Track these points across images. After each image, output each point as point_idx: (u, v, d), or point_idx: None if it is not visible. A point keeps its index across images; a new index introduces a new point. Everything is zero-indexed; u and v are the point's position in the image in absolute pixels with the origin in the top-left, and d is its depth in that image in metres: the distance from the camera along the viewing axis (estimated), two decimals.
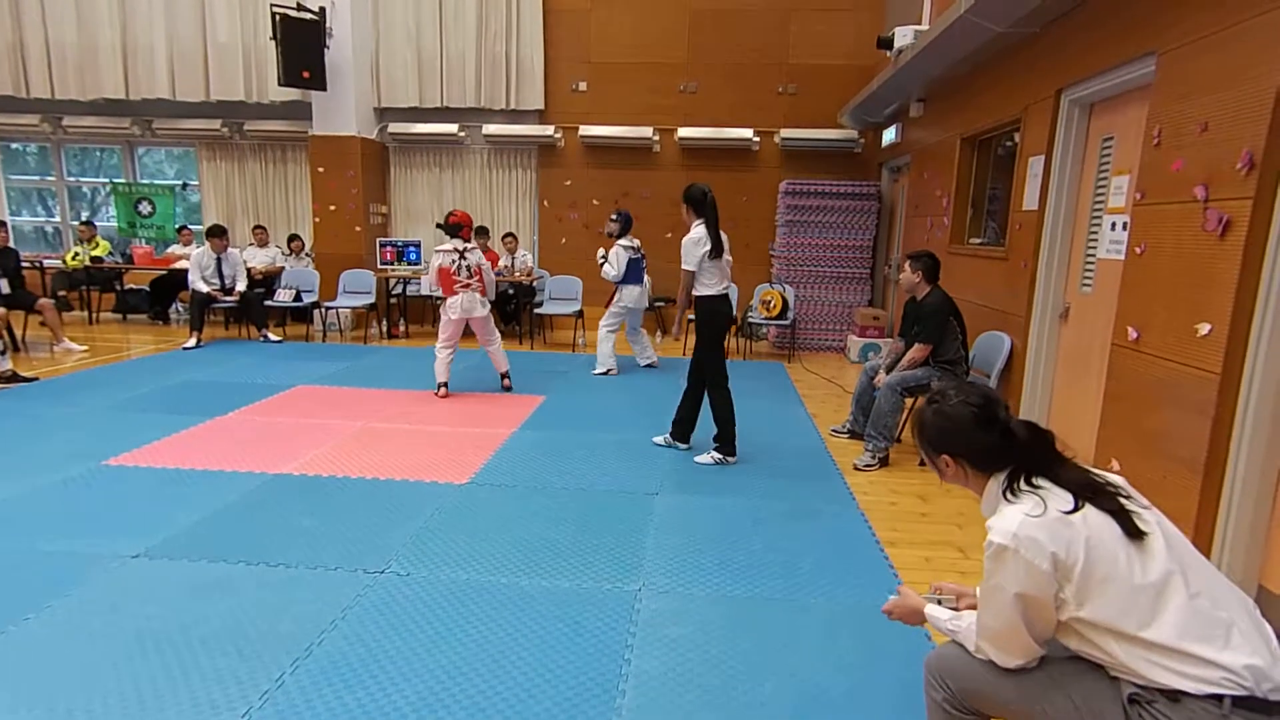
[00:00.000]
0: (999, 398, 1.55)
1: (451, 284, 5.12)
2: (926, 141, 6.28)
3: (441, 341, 5.24)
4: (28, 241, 9.54)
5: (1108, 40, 3.41)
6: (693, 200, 3.96)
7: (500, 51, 8.30)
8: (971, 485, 1.55)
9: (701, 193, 3.94)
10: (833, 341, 7.78)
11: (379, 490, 3.49)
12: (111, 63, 8.42)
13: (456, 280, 5.11)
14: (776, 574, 2.76)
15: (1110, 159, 3.59)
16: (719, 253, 3.91)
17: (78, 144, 9.34)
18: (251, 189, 9.03)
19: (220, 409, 4.77)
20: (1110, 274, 3.44)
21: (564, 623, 2.39)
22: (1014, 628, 1.39)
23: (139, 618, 2.34)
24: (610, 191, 8.64)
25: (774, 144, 8.36)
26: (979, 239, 5.35)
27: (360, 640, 2.25)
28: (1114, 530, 1.35)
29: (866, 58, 7.76)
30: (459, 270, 5.09)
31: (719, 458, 4.01)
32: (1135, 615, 1.30)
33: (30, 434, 4.17)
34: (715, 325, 3.95)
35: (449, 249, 5.12)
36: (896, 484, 3.84)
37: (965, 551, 3.06)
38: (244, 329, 7.87)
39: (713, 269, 3.92)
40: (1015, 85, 4.46)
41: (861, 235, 7.62)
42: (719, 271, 3.94)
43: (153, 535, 2.92)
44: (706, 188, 3.97)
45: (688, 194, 3.98)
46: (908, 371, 4.11)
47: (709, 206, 3.91)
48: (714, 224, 3.91)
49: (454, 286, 5.12)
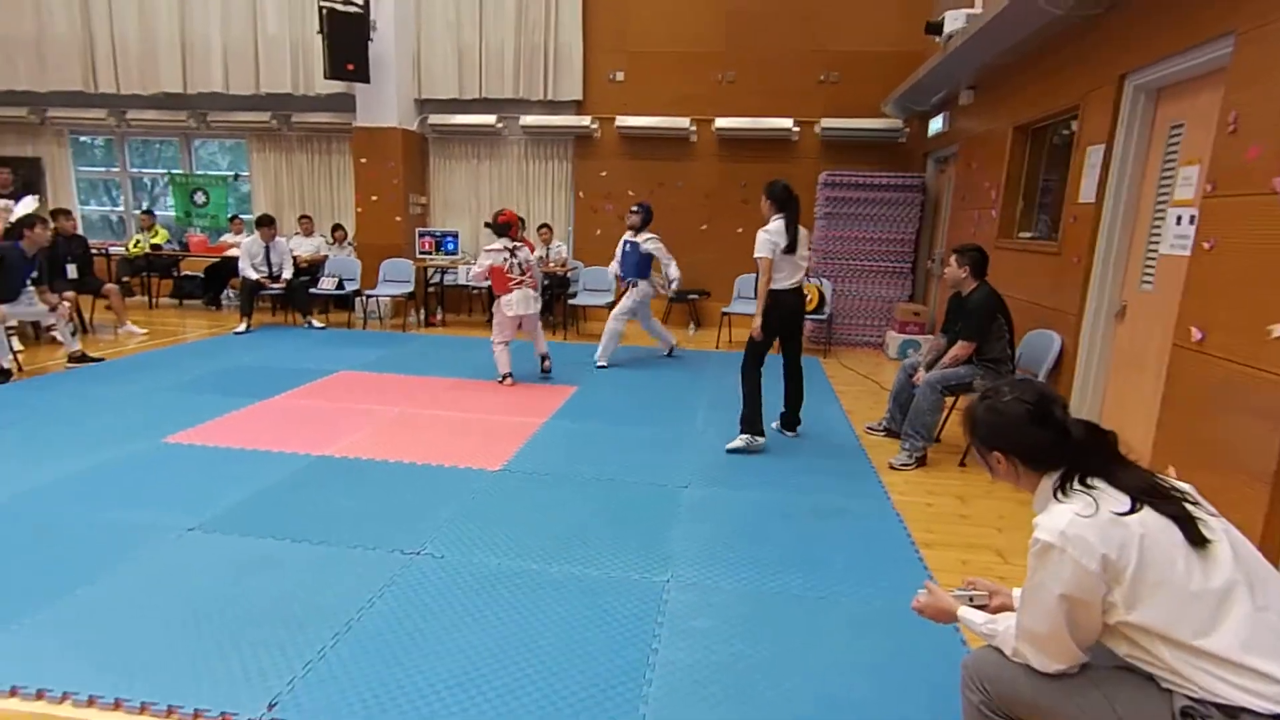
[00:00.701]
0: (1056, 395, 1.50)
1: (505, 281, 5.24)
2: (976, 131, 6.10)
3: (498, 338, 5.39)
4: (94, 229, 9.94)
5: (1179, 21, 3.24)
6: (775, 196, 4.08)
7: (539, 42, 8.32)
8: (1023, 484, 1.50)
9: (784, 189, 4.07)
10: (870, 337, 7.64)
11: (415, 474, 3.55)
12: (170, 58, 8.70)
13: (510, 278, 5.23)
14: (806, 571, 2.73)
15: (1178, 148, 3.43)
16: (792, 249, 4.01)
17: (139, 137, 9.69)
18: (298, 179, 9.26)
19: (268, 392, 4.91)
20: (1173, 271, 3.29)
21: (593, 610, 2.40)
22: (1056, 630, 1.35)
23: (194, 587, 2.44)
24: (645, 183, 8.61)
25: (814, 134, 8.22)
26: (1029, 233, 5.18)
27: (396, 618, 2.30)
28: (1174, 535, 1.29)
29: (913, 44, 7.54)
30: (511, 268, 5.22)
31: (747, 439, 4.08)
32: (1190, 622, 1.25)
33: (96, 411, 4.37)
34: (770, 315, 4.07)
35: (498, 248, 5.23)
36: (934, 485, 3.75)
37: (1004, 555, 2.98)
38: (289, 315, 8.09)
39: (782, 263, 4.02)
40: (1074, 71, 4.29)
41: (903, 228, 7.45)
42: (789, 266, 4.04)
43: (206, 510, 3.03)
44: (788, 184, 4.10)
45: (770, 190, 4.11)
46: (949, 369, 4.01)
47: (793, 203, 4.04)
48: (794, 221, 4.02)
49: (508, 284, 5.24)
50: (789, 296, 4.09)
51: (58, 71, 8.91)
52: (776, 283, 4.04)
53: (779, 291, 4.05)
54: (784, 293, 4.06)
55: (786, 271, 4.04)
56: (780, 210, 4.05)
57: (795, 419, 4.43)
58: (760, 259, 4.00)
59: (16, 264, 5.31)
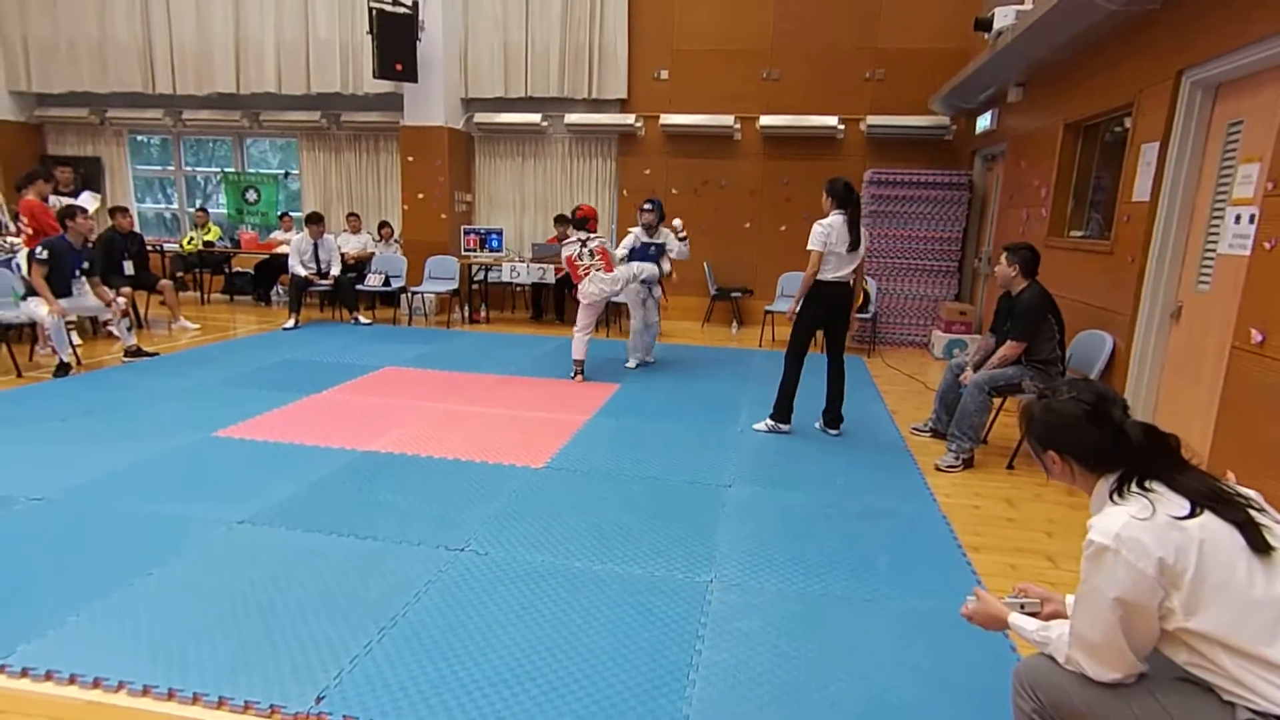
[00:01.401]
0: (1115, 396, 1.47)
1: (577, 270, 5.44)
2: (1025, 128, 5.95)
3: (580, 327, 5.55)
4: (150, 226, 10.33)
5: (1238, 16, 3.13)
6: (835, 193, 4.17)
7: (584, 41, 8.37)
8: (1079, 484, 1.48)
9: (845, 186, 4.17)
10: (916, 336, 7.51)
11: (460, 470, 3.61)
12: (225, 59, 8.98)
13: (579, 266, 5.44)
14: (850, 573, 2.71)
15: (1237, 145, 3.31)
16: (855, 246, 4.11)
17: (194, 136, 10.03)
18: (346, 178, 9.47)
19: (315, 387, 5.05)
20: (1232, 271, 3.18)
21: (636, 609, 2.41)
22: (1110, 636, 1.32)
23: (244, 580, 2.52)
24: (690, 180, 8.60)
25: (859, 132, 8.11)
26: (1080, 231, 5.03)
27: (441, 614, 2.35)
28: (1236, 541, 1.26)
29: (961, 40, 7.40)
30: (581, 257, 5.43)
31: (771, 424, 4.35)
32: (1253, 630, 1.21)
33: (150, 405, 4.54)
34: (811, 306, 4.20)
35: (573, 240, 5.48)
36: (981, 487, 3.68)
37: (1055, 560, 2.91)
38: (337, 311, 8.29)
39: (829, 257, 4.10)
40: (1128, 67, 4.16)
41: (950, 227, 7.31)
42: (834, 260, 4.12)
43: (255, 503, 3.13)
44: (849, 181, 4.20)
45: (831, 186, 4.19)
46: (997, 370, 3.92)
47: (853, 200, 4.14)
48: (855, 218, 4.12)
49: (578, 272, 5.44)
50: (832, 289, 4.15)
51: (118, 73, 9.26)
52: (822, 274, 4.11)
53: (822, 283, 4.13)
54: (827, 284, 4.13)
55: (833, 264, 4.11)
56: (839, 206, 4.13)
57: (838, 416, 4.41)
58: (811, 251, 4.10)
59: (65, 255, 5.39)
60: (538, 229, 9.05)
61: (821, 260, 4.08)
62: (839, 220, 4.08)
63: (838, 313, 4.23)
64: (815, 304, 4.17)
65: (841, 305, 4.23)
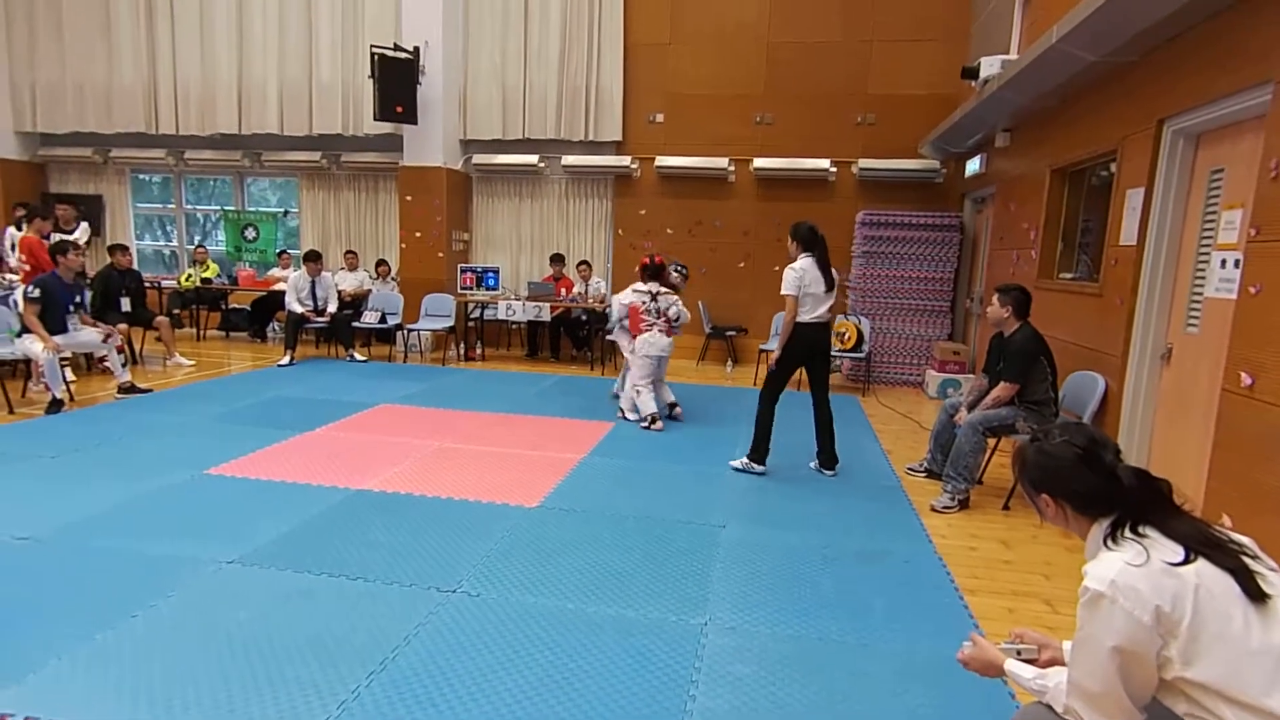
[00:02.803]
0: (1108, 440, 1.48)
1: (639, 322, 5.45)
2: (1013, 172, 6.07)
3: (641, 380, 5.38)
4: (149, 263, 10.38)
5: (1216, 68, 3.23)
6: (799, 237, 4.30)
7: (581, 85, 8.57)
8: (1073, 528, 1.49)
9: (809, 230, 4.29)
10: (910, 376, 7.55)
11: (453, 510, 3.59)
12: (228, 101, 9.16)
13: (644, 320, 5.45)
14: (846, 616, 2.68)
15: (1219, 192, 3.38)
16: (829, 287, 4.22)
17: (195, 175, 10.16)
18: (345, 216, 9.58)
19: (309, 424, 5.03)
20: (1219, 314, 3.22)
21: (630, 653, 2.38)
22: (1110, 686, 1.30)
23: (233, 621, 2.48)
24: (684, 221, 8.72)
25: (851, 174, 8.27)
26: (1070, 274, 5.10)
27: (431, 658, 2.31)
28: (1230, 588, 1.26)
29: (949, 87, 7.60)
30: (648, 310, 5.46)
31: (745, 463, 4.34)
32: (1251, 681, 1.21)
33: (143, 442, 4.51)
34: (789, 347, 4.24)
35: (645, 289, 5.49)
36: (977, 528, 3.67)
37: (1053, 605, 2.89)
38: (333, 348, 8.30)
39: (805, 299, 4.18)
40: (1111, 115, 4.28)
41: (942, 267, 7.41)
42: (811, 301, 4.20)
43: (245, 543, 3.09)
44: (813, 225, 4.32)
45: (795, 231, 4.33)
46: (991, 410, 3.94)
47: (819, 242, 4.26)
48: (823, 259, 4.23)
49: (640, 324, 5.43)
50: (812, 330, 4.23)
51: (122, 115, 9.43)
52: (801, 315, 4.20)
53: (802, 324, 4.21)
54: (806, 325, 4.21)
55: (810, 305, 4.19)
56: (807, 250, 4.25)
57: (832, 456, 4.41)
58: (786, 296, 4.18)
59: (57, 291, 5.41)
60: (534, 268, 9.13)
61: (799, 303, 4.16)
62: (809, 263, 4.19)
63: (818, 351, 4.30)
64: (796, 345, 4.23)
65: (822, 345, 4.32)
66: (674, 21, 8.43)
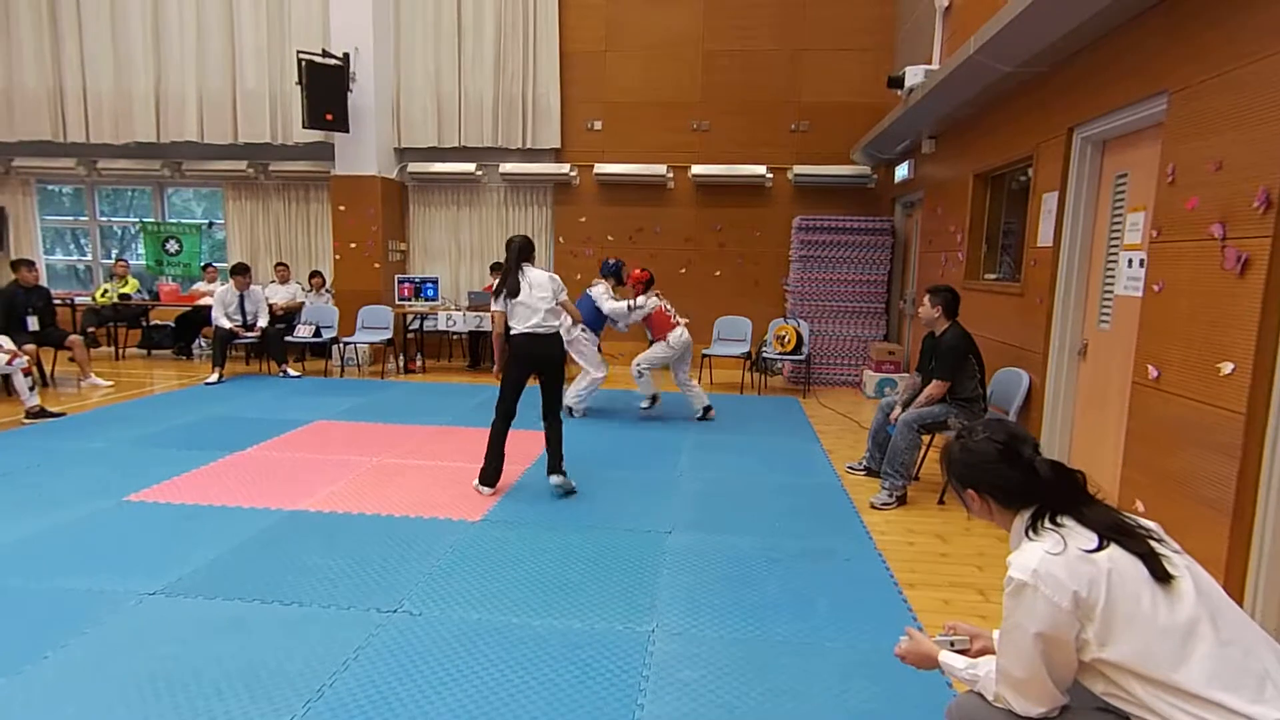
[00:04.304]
0: (1027, 435, 1.55)
1: (666, 321, 5.94)
2: (939, 177, 6.31)
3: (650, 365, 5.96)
4: (60, 279, 9.79)
5: (1118, 80, 3.44)
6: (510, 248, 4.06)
7: (517, 92, 8.51)
8: (998, 521, 1.55)
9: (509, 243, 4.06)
10: (848, 376, 7.74)
11: (393, 527, 3.49)
12: (145, 108, 8.73)
13: (671, 317, 5.97)
14: (791, 616, 2.72)
15: (1125, 196, 3.59)
16: (514, 294, 3.95)
17: (110, 185, 9.64)
18: (275, 227, 9.24)
19: (240, 444, 4.82)
20: (1129, 311, 3.42)
21: (576, 664, 2.36)
22: (1034, 671, 1.37)
23: (155, 657, 2.34)
24: (624, 228, 8.75)
25: (787, 180, 8.45)
26: (994, 274, 5.33)
27: (371, 681, 2.24)
28: (1139, 572, 1.33)
29: (877, 96, 7.85)
30: (669, 310, 6.00)
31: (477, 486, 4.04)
32: (1159, 658, 1.27)
33: (55, 469, 4.24)
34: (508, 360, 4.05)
35: (654, 297, 5.95)
36: (914, 523, 3.78)
37: (986, 594, 3.00)
38: (264, 364, 7.98)
39: (514, 308, 3.98)
40: (1027, 123, 4.49)
41: (876, 270, 7.63)
42: (520, 310, 3.97)
43: (170, 573, 2.94)
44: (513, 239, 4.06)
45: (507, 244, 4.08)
46: (924, 408, 4.07)
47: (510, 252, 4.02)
48: (510, 269, 3.99)
49: (671, 321, 5.95)
50: (523, 341, 3.96)
51: (25, 122, 8.89)
52: (512, 328, 3.98)
53: (512, 335, 3.99)
54: (517, 336, 3.98)
55: (519, 315, 3.96)
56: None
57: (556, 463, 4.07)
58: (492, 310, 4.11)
59: None
60: (474, 277, 9.01)
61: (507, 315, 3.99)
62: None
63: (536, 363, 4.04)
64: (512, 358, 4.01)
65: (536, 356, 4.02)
66: (609, 29, 8.46)
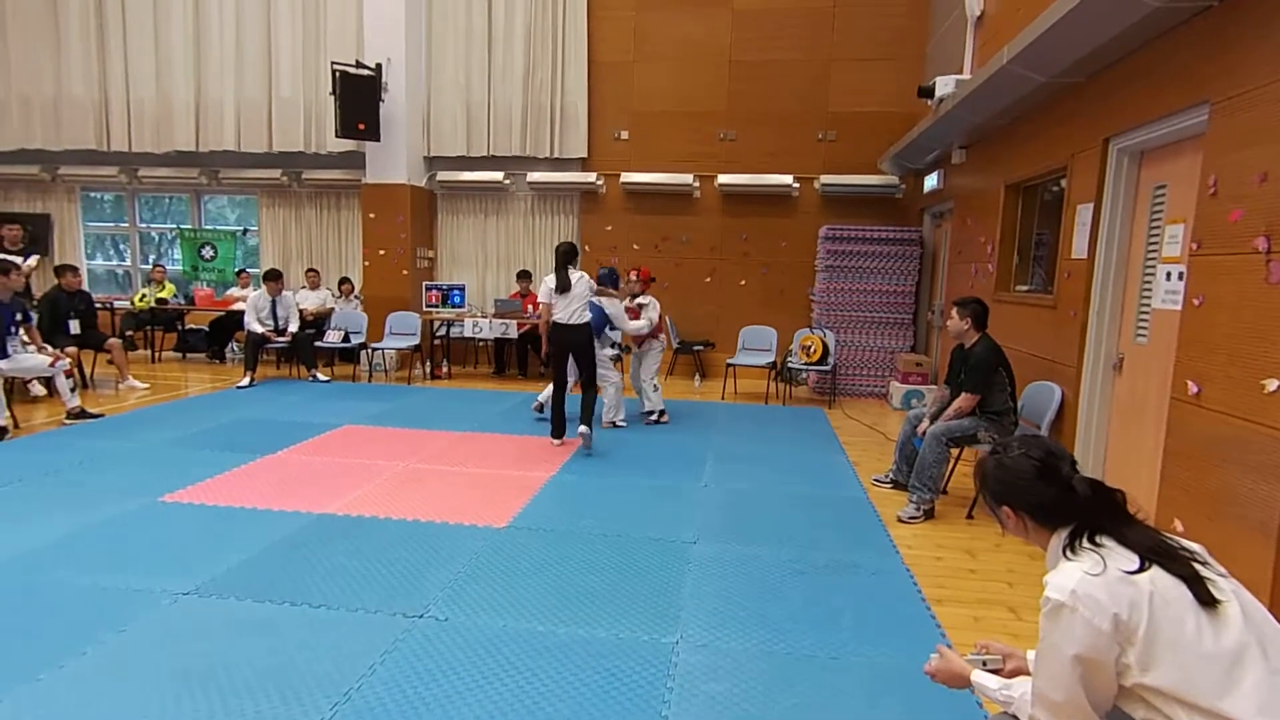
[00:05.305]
0: (1065, 452, 1.52)
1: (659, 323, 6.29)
2: (970, 188, 6.24)
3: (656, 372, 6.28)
4: (100, 284, 10.07)
5: (1157, 90, 3.37)
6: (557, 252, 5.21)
7: (545, 102, 8.59)
8: (1033, 539, 1.52)
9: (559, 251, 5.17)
10: (874, 387, 7.66)
11: (419, 532, 3.52)
12: (185, 118, 8.97)
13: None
14: (817, 630, 2.69)
15: (1163, 207, 3.52)
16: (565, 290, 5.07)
17: (150, 193, 9.91)
18: (307, 234, 9.42)
19: (271, 447, 4.90)
20: (1167, 325, 3.34)
21: (601, 674, 2.36)
22: (1071, 695, 1.33)
23: (187, 656, 2.39)
24: (650, 237, 8.77)
25: (813, 190, 8.42)
26: (1025, 286, 5.25)
27: (397, 685, 2.26)
28: (1184, 595, 1.29)
29: (907, 105, 7.80)
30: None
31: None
32: (1205, 686, 1.23)
33: (95, 469, 4.35)
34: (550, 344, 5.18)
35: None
36: (942, 538, 3.72)
37: (1017, 612, 2.94)
38: (294, 368, 8.12)
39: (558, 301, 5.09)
40: (1061, 133, 4.43)
41: (903, 281, 7.56)
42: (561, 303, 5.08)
43: (203, 573, 2.99)
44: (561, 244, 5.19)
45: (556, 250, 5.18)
46: (953, 421, 4.02)
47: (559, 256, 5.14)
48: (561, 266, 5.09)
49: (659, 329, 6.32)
50: (559, 329, 5.08)
51: (71, 131, 9.18)
52: (557, 317, 5.08)
53: (556, 324, 5.09)
54: (559, 326, 5.08)
55: (559, 307, 5.06)
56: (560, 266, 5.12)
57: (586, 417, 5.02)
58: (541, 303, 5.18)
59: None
60: (500, 285, 9.09)
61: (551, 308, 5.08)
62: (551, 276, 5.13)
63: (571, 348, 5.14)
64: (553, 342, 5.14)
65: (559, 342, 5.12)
66: (637, 39, 8.52)
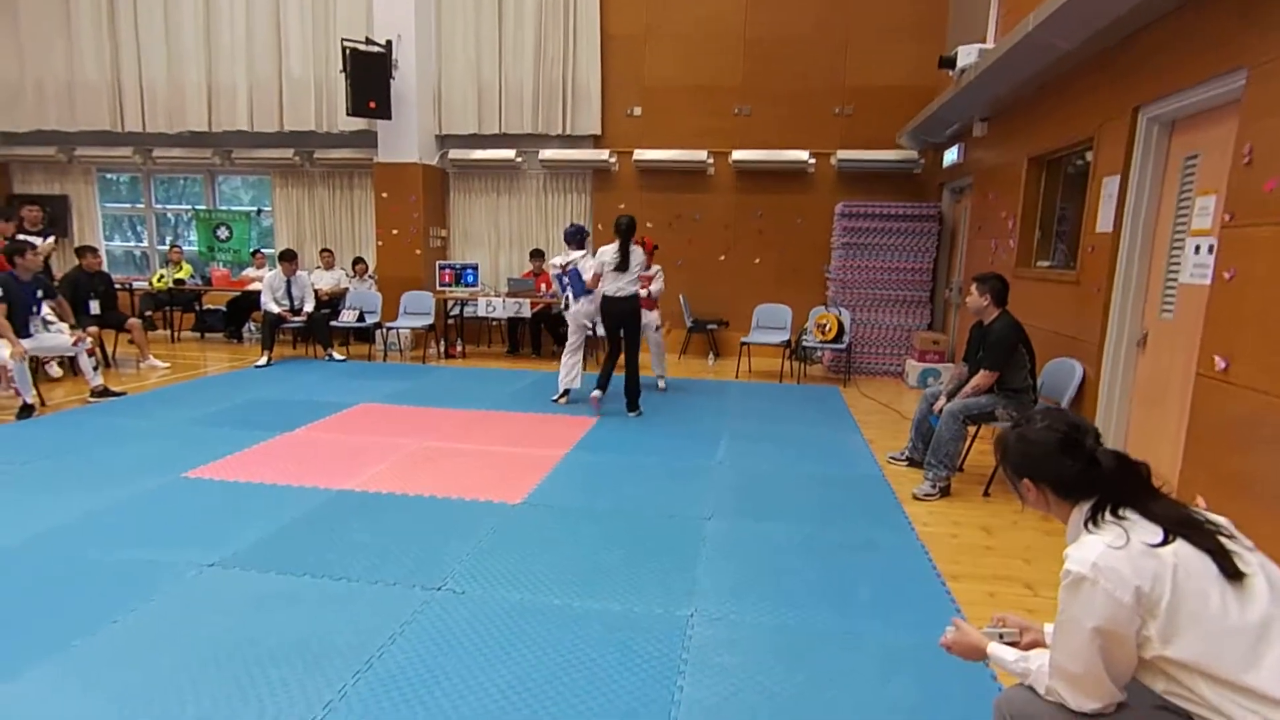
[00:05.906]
0: (1088, 425, 1.49)
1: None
2: (991, 162, 6.12)
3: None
4: (118, 265, 10.16)
5: (1190, 56, 3.27)
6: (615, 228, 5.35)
7: (557, 78, 8.50)
8: (1054, 513, 1.50)
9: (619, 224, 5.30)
10: (890, 366, 7.60)
11: (436, 508, 3.55)
12: (197, 99, 8.98)
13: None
14: (831, 605, 2.69)
15: (1194, 178, 3.43)
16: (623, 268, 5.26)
17: (165, 174, 9.95)
18: (320, 214, 9.44)
19: (288, 425, 4.96)
20: (1194, 299, 3.27)
21: (616, 646, 2.37)
22: (1090, 666, 1.32)
23: (212, 626, 2.43)
24: (664, 214, 8.70)
25: (830, 165, 8.30)
26: (1047, 261, 5.16)
27: (417, 655, 2.29)
28: (1208, 568, 1.28)
29: (926, 78, 7.64)
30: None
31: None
32: (1229, 658, 1.22)
33: (119, 446, 4.42)
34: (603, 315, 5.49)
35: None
36: (959, 515, 3.70)
37: (1033, 588, 2.93)
38: (310, 348, 8.18)
39: (609, 276, 5.30)
40: (1087, 103, 4.32)
41: (921, 258, 7.46)
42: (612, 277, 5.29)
43: (225, 547, 3.04)
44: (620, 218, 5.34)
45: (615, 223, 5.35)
46: (971, 399, 3.98)
47: (621, 232, 5.27)
48: (625, 245, 5.26)
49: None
50: (608, 300, 5.31)
51: (86, 112, 9.21)
52: (605, 290, 5.30)
53: (606, 297, 5.31)
54: (609, 299, 5.29)
55: (609, 280, 5.27)
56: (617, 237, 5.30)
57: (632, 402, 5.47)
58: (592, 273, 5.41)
59: (18, 290, 5.31)
60: (513, 264, 9.08)
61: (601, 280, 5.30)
62: (615, 248, 5.24)
63: (622, 319, 5.34)
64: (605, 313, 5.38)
65: (622, 313, 5.33)
66: (650, 14, 8.39)
